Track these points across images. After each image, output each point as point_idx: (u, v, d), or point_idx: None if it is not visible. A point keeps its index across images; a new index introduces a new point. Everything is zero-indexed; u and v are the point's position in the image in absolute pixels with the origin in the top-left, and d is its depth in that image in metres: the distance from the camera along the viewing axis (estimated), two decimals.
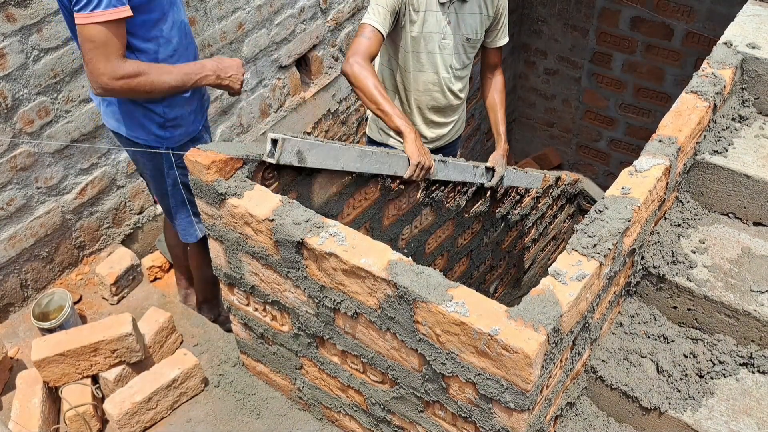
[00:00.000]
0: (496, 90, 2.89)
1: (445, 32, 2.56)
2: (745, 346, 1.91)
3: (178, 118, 2.21)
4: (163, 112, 2.17)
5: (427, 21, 2.52)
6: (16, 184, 2.49)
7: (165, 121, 2.18)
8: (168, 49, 2.09)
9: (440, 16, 2.52)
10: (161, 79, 2.01)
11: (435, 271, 1.55)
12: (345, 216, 2.34)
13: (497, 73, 2.90)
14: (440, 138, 2.89)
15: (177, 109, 2.19)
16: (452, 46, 2.61)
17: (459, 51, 2.64)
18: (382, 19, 2.39)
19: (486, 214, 3.22)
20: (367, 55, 2.35)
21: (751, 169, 2.08)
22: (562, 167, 5.90)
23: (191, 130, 2.28)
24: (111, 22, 1.85)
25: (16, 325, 2.64)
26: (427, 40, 2.56)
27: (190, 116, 2.25)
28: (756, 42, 2.25)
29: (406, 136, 2.33)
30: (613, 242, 1.60)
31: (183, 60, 2.16)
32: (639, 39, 4.91)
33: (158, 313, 2.44)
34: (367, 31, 2.38)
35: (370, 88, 2.33)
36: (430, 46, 2.58)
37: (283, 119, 3.52)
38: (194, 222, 2.44)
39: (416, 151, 2.32)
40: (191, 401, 2.29)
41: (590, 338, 1.80)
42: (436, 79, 2.67)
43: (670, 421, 1.82)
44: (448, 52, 2.61)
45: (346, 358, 1.90)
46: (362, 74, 2.33)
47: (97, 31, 1.85)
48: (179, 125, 2.23)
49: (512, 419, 1.54)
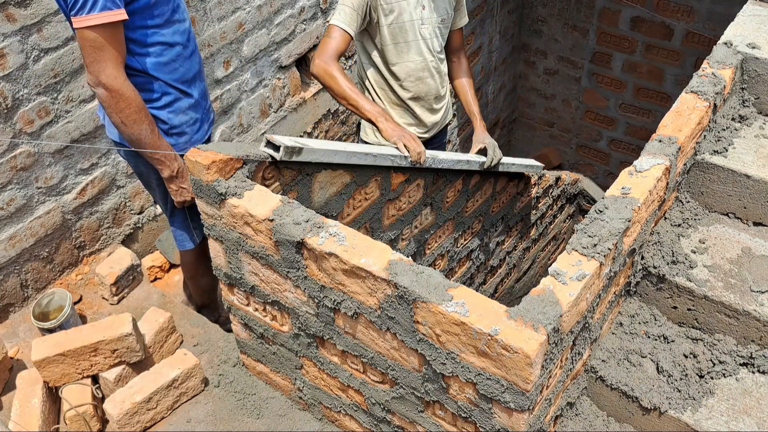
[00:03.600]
0: (463, 72, 2.93)
1: (422, 18, 2.60)
2: (745, 346, 1.91)
3: (182, 125, 2.20)
4: (168, 119, 2.15)
5: (402, 11, 2.55)
6: (16, 184, 2.49)
7: (169, 128, 2.17)
8: (170, 54, 2.08)
9: (414, 3, 2.56)
10: (137, 126, 2.01)
11: (435, 271, 1.55)
12: (345, 216, 2.34)
13: (461, 56, 2.94)
14: (436, 125, 2.91)
15: (181, 115, 2.18)
16: (431, 30, 2.65)
17: (437, 33, 2.69)
18: (348, 18, 2.43)
19: (486, 214, 3.22)
20: (334, 54, 2.40)
21: (751, 169, 2.08)
22: (562, 167, 5.90)
23: (195, 138, 2.25)
24: (106, 26, 1.85)
25: (16, 325, 2.64)
26: (406, 29, 2.59)
27: (195, 125, 2.24)
28: (756, 42, 2.25)
29: (379, 123, 2.34)
30: (613, 242, 1.60)
31: (188, 66, 2.14)
32: (639, 39, 4.91)
33: (158, 313, 2.44)
34: (333, 32, 2.42)
35: (338, 85, 2.36)
36: (411, 35, 2.61)
37: (283, 119, 3.52)
38: (191, 229, 2.42)
39: (395, 133, 2.33)
40: (191, 401, 2.29)
41: (590, 338, 1.80)
42: (424, 65, 2.69)
43: (670, 421, 1.82)
44: (428, 37, 2.66)
45: (346, 358, 1.90)
46: (328, 72, 2.37)
47: (92, 34, 1.85)
48: (184, 132, 2.21)
49: (512, 419, 1.54)
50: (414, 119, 2.82)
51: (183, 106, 2.17)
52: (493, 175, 3.09)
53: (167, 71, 2.09)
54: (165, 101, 2.13)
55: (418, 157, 2.34)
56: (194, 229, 2.43)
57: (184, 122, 2.20)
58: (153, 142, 2.06)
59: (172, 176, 2.16)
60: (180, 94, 2.15)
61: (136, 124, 2.00)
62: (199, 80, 2.23)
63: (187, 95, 2.17)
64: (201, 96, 2.25)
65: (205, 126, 2.29)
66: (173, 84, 2.12)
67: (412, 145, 2.34)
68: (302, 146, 1.86)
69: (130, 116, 1.98)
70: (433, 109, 2.85)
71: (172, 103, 2.15)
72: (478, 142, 2.80)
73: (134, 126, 2.01)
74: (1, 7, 2.23)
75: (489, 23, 4.87)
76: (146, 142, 2.06)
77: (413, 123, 2.83)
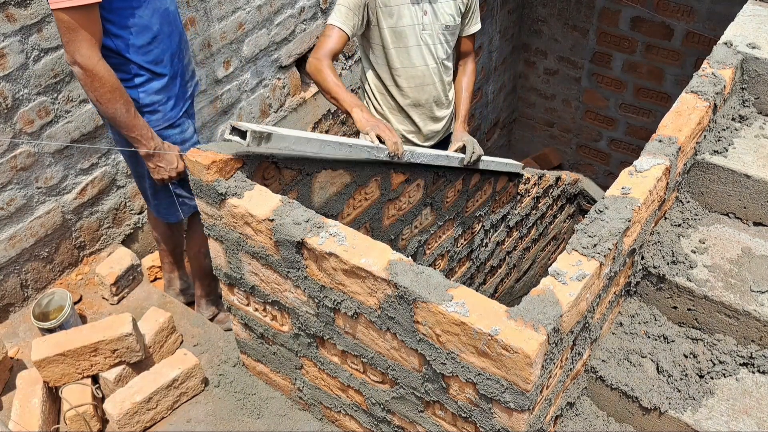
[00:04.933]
0: (465, 74, 2.93)
1: (423, 23, 2.60)
2: (745, 346, 1.91)
3: (155, 103, 2.23)
4: (140, 98, 2.19)
5: (402, 15, 2.55)
6: (17, 184, 2.49)
7: (141, 106, 2.20)
8: (146, 36, 2.12)
9: (415, 9, 2.56)
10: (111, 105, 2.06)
11: (435, 271, 1.55)
12: (345, 216, 2.34)
13: (469, 61, 2.93)
14: (437, 133, 2.89)
15: (153, 95, 2.21)
16: (434, 36, 2.64)
17: (441, 40, 2.68)
18: (344, 17, 2.47)
19: (486, 215, 3.22)
20: (327, 52, 2.45)
21: (751, 169, 2.08)
22: (562, 167, 5.90)
23: (170, 116, 2.29)
24: (80, 8, 1.90)
25: (16, 325, 2.64)
26: (406, 33, 2.59)
27: (168, 102, 2.27)
28: (756, 42, 2.25)
29: (354, 113, 2.35)
30: (613, 242, 1.60)
31: (163, 47, 2.18)
32: (639, 39, 4.91)
33: (158, 313, 2.44)
34: (328, 30, 2.47)
35: (324, 80, 2.42)
36: (412, 40, 2.60)
37: (283, 119, 3.52)
38: (176, 202, 2.44)
39: (368, 123, 2.31)
40: (191, 401, 2.29)
41: (590, 338, 1.80)
42: (426, 71, 2.69)
43: (670, 421, 1.82)
44: (431, 43, 2.65)
45: (346, 358, 1.90)
46: (318, 68, 2.44)
47: (66, 16, 1.90)
48: (156, 111, 2.24)
49: (512, 419, 1.54)
50: (413, 126, 2.81)
51: (155, 86, 2.21)
52: (494, 174, 3.09)
53: (141, 53, 2.13)
54: (137, 81, 2.17)
55: (395, 148, 2.27)
56: (181, 205, 2.45)
57: (156, 101, 2.23)
58: (128, 120, 2.11)
59: (149, 155, 2.21)
60: (151, 75, 2.19)
61: (110, 103, 2.06)
62: (177, 59, 2.26)
63: (159, 75, 2.21)
64: (175, 74, 2.27)
65: (180, 103, 2.32)
66: (145, 65, 2.16)
67: (387, 135, 2.27)
68: (270, 132, 1.79)
69: (104, 95, 2.04)
70: (435, 118, 2.82)
71: (144, 83, 2.18)
72: (457, 140, 2.78)
73: (108, 104, 2.06)
74: (1, 7, 2.23)
75: (489, 23, 4.87)
76: (121, 121, 2.11)
77: (413, 131, 2.82)
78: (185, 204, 2.46)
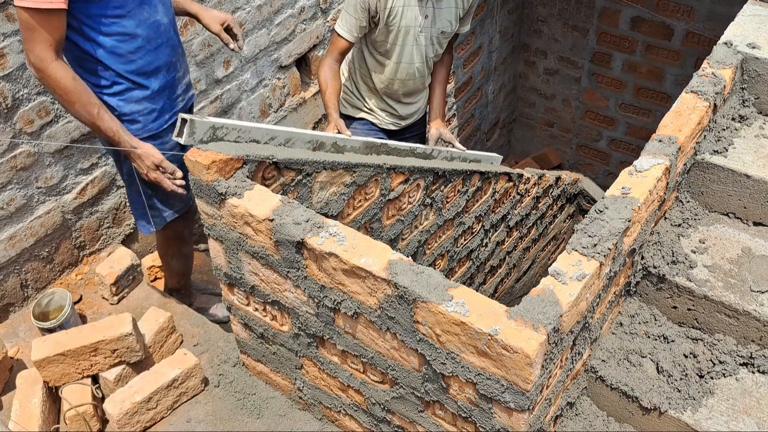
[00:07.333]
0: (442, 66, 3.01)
1: (422, 26, 2.69)
2: (745, 346, 1.91)
3: (134, 113, 2.19)
4: (117, 106, 2.16)
5: (405, 15, 2.64)
6: (16, 184, 2.49)
7: (119, 114, 2.16)
8: (129, 45, 2.08)
9: (418, 11, 2.64)
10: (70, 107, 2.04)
11: (435, 271, 1.55)
12: (345, 216, 2.34)
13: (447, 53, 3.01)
14: (411, 115, 3.04)
15: (133, 104, 2.18)
16: (429, 38, 2.75)
17: (434, 42, 2.79)
18: (348, 26, 2.66)
19: (486, 215, 3.22)
20: (332, 59, 2.73)
21: (751, 169, 2.08)
22: (562, 167, 5.89)
23: (150, 127, 2.24)
24: (38, 10, 1.88)
25: (16, 325, 2.64)
26: (404, 34, 2.69)
27: (150, 114, 2.23)
28: (756, 42, 2.25)
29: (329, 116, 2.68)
30: (613, 242, 1.60)
31: (150, 58, 2.14)
32: (639, 39, 4.91)
33: (158, 313, 2.44)
34: (335, 38, 2.72)
35: (320, 82, 2.73)
36: (410, 39, 2.71)
37: (283, 119, 3.52)
38: (148, 215, 2.42)
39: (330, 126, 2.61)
40: (191, 401, 2.29)
41: (590, 338, 1.80)
42: (412, 69, 2.81)
43: (670, 421, 1.82)
44: (424, 44, 2.75)
45: (346, 358, 1.90)
46: (319, 72, 2.75)
47: (24, 15, 1.89)
48: (136, 120, 2.20)
49: (512, 419, 1.54)
50: (390, 108, 2.96)
51: (137, 96, 2.17)
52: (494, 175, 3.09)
53: (122, 62, 2.10)
54: (115, 89, 2.14)
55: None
56: (153, 217, 2.43)
57: (137, 111, 2.20)
58: (92, 122, 2.08)
59: (129, 154, 2.18)
60: (133, 85, 2.15)
61: (68, 104, 2.04)
62: (165, 72, 2.22)
63: (141, 87, 2.17)
64: (163, 87, 2.23)
65: (165, 116, 2.28)
66: (126, 75, 2.12)
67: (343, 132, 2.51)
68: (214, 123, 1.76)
69: (60, 96, 2.02)
70: (406, 103, 2.98)
71: (123, 92, 2.15)
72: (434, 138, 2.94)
73: (67, 106, 2.05)
74: (1, 7, 2.23)
75: (489, 23, 4.87)
76: (85, 122, 2.09)
77: (389, 110, 2.97)
78: (158, 216, 2.43)
